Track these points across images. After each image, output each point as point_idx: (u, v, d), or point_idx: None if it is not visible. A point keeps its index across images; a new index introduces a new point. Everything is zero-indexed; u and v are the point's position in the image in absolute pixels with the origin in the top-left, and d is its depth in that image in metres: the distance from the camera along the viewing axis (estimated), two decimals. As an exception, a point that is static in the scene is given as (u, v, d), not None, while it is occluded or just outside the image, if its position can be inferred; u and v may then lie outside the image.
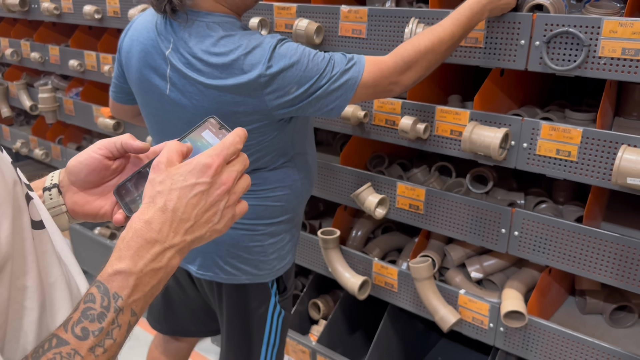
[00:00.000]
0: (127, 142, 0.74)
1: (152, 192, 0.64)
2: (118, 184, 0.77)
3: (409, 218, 1.62)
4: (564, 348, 1.44)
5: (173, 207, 0.63)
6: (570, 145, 1.29)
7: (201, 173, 0.65)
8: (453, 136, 1.45)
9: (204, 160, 0.65)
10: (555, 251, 1.38)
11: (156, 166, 0.65)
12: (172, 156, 0.67)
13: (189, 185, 0.64)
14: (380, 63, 1.19)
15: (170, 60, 1.21)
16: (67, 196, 0.76)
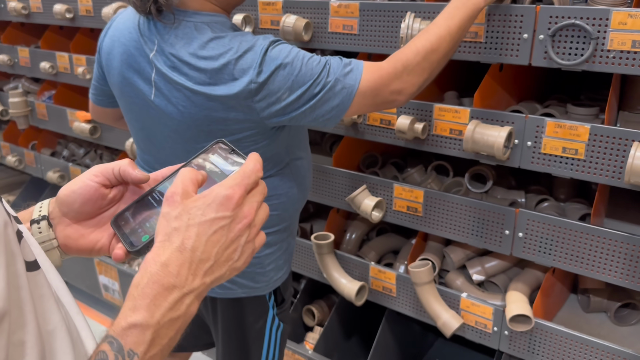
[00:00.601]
0: (126, 170, 0.66)
1: (168, 228, 0.56)
2: (116, 214, 0.69)
3: (407, 220, 1.56)
4: (572, 350, 1.39)
5: (192, 246, 0.56)
6: (577, 143, 1.23)
7: (221, 206, 0.57)
8: (453, 135, 1.39)
9: (224, 192, 0.58)
10: (562, 252, 1.33)
11: (170, 198, 0.58)
12: (188, 186, 0.59)
13: (208, 220, 0.57)
14: (379, 69, 1.10)
15: (154, 64, 1.12)
16: (59, 229, 0.68)
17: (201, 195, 0.59)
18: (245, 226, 0.59)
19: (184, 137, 1.17)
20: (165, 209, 0.58)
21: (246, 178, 0.60)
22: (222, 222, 0.57)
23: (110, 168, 0.67)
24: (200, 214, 0.57)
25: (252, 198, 0.60)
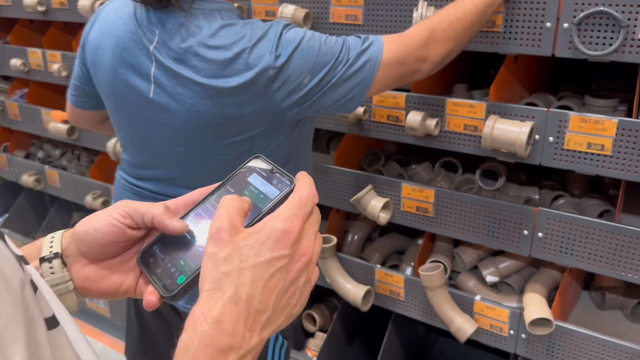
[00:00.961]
0: (162, 221, 0.56)
1: (216, 273, 0.47)
2: (142, 249, 0.58)
3: (417, 222, 1.47)
4: (594, 352, 1.33)
5: (247, 296, 0.46)
6: (604, 138, 1.16)
7: (278, 243, 0.48)
8: (467, 131, 1.31)
9: (280, 226, 0.48)
10: (585, 252, 1.26)
11: (216, 235, 0.48)
12: (235, 219, 0.49)
13: (264, 261, 0.47)
14: (402, 36, 1.04)
15: (155, 56, 1.01)
16: (75, 269, 0.57)
17: (253, 230, 0.49)
18: (304, 265, 0.50)
19: (189, 138, 1.06)
20: (211, 249, 0.48)
21: (303, 206, 0.50)
22: (280, 263, 0.48)
23: (140, 213, 0.57)
24: (254, 254, 0.47)
25: (309, 230, 0.51)
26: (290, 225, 0.49)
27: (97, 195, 2.20)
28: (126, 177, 1.25)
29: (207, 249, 0.49)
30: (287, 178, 0.57)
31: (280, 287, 0.48)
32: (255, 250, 0.48)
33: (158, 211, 0.56)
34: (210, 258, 0.48)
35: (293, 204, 0.51)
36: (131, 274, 0.59)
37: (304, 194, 0.52)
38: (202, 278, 0.48)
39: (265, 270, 0.47)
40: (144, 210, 0.56)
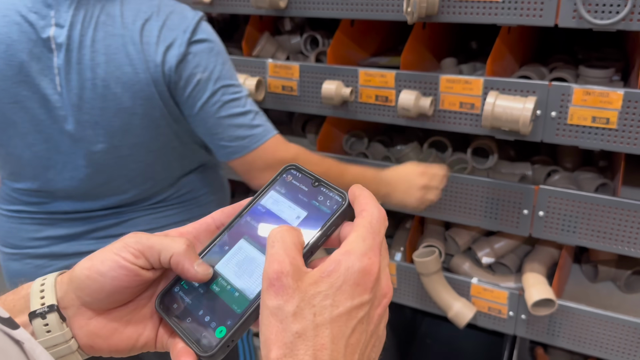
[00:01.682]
0: (181, 263, 0.45)
1: (286, 335, 0.37)
2: (161, 292, 0.46)
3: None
4: (595, 329, 1.31)
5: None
6: (609, 111, 1.11)
7: (357, 287, 0.38)
8: (464, 109, 1.23)
9: (358, 264, 0.38)
10: (589, 229, 1.23)
11: (277, 282, 0.37)
12: (296, 258, 0.39)
13: (343, 313, 0.37)
14: (286, 143, 1.06)
15: (57, 42, 0.88)
16: (78, 324, 0.45)
17: (322, 272, 0.38)
18: (385, 308, 0.41)
19: (113, 142, 0.96)
20: (273, 301, 0.37)
21: (377, 235, 0.40)
22: (362, 313, 0.38)
23: (156, 252, 0.45)
24: (330, 305, 0.37)
25: (384, 262, 0.41)
26: (369, 263, 0.39)
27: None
28: (22, 209, 1.08)
29: (266, 301, 0.38)
30: (337, 193, 0.46)
31: (363, 342, 0.39)
32: (331, 300, 0.38)
33: (178, 250, 0.45)
34: (274, 314, 0.37)
35: (366, 233, 0.40)
36: (149, 323, 0.47)
37: (375, 218, 0.42)
38: (265, 340, 0.37)
39: (345, 324, 0.38)
40: (160, 248, 0.45)
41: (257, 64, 1.43)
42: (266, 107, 1.46)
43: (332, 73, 1.33)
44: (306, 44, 1.56)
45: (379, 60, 1.49)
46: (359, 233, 0.41)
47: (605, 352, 1.32)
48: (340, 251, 0.40)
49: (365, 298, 0.38)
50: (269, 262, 0.39)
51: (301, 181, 0.49)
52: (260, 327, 0.39)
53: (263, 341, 0.38)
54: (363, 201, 0.43)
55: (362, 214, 0.42)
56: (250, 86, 1.39)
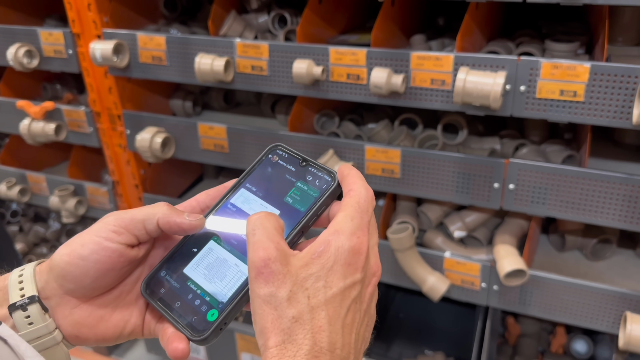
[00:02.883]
0: (171, 220, 0.44)
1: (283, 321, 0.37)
2: (147, 276, 0.45)
3: (383, 184, 1.41)
4: (565, 297, 1.36)
5: (328, 343, 0.37)
6: (576, 84, 1.13)
7: (349, 267, 0.39)
8: (434, 86, 1.24)
9: (347, 244, 0.39)
10: (557, 200, 1.26)
11: (266, 269, 0.37)
12: (280, 243, 0.39)
13: (337, 293, 0.38)
14: None
15: None
16: (61, 314, 0.44)
17: (312, 253, 0.38)
18: (375, 287, 0.41)
19: None
20: (263, 289, 0.37)
21: (365, 214, 0.41)
22: (354, 292, 0.39)
23: (140, 221, 0.43)
24: (323, 286, 0.38)
25: (372, 241, 0.41)
26: (358, 242, 0.40)
27: (12, 183, 1.96)
28: None
29: (257, 290, 0.38)
30: (326, 172, 0.47)
31: (357, 321, 0.39)
32: (324, 281, 0.38)
33: (162, 211, 0.44)
34: (267, 301, 0.37)
35: (354, 212, 0.41)
36: (135, 308, 0.46)
37: (362, 197, 0.42)
38: (261, 329, 0.37)
39: (340, 304, 0.38)
40: (143, 217, 0.44)
41: (224, 44, 1.40)
42: (235, 87, 1.44)
43: (303, 52, 1.31)
44: (274, 22, 1.54)
45: (348, 38, 1.48)
46: (347, 212, 0.41)
47: (574, 319, 1.37)
48: (329, 231, 0.40)
49: (357, 277, 0.39)
50: (254, 250, 0.38)
51: (288, 161, 0.48)
52: (253, 317, 0.38)
53: (259, 331, 0.37)
54: (351, 180, 0.43)
55: (349, 194, 0.43)
56: (219, 67, 1.37)
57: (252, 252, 0.38)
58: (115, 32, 1.52)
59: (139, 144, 1.56)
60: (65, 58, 1.64)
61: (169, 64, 1.49)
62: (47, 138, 1.73)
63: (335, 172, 0.46)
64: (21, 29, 1.66)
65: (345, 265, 0.38)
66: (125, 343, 2.10)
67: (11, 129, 1.86)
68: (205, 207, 0.49)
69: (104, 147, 1.76)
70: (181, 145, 1.59)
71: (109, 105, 1.67)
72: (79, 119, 1.73)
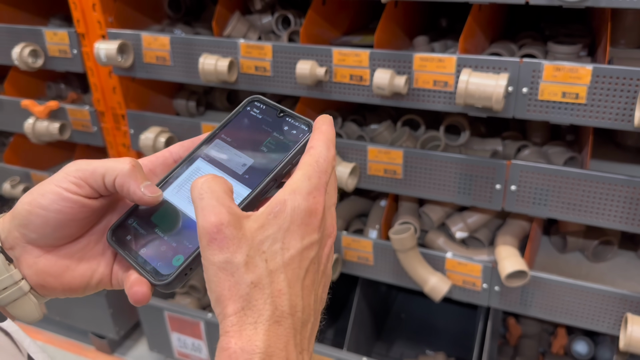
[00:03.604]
0: (126, 184, 0.42)
1: (241, 287, 0.35)
2: (113, 224, 0.45)
3: (385, 185, 1.42)
4: (566, 298, 1.36)
5: (289, 307, 0.36)
6: (578, 87, 1.14)
7: (306, 227, 0.38)
8: (437, 87, 1.25)
9: (304, 204, 0.38)
10: (559, 202, 1.26)
11: (219, 234, 0.36)
12: (231, 206, 0.37)
13: (295, 255, 0.37)
14: None
15: None
16: (26, 264, 0.43)
17: (268, 213, 0.37)
18: (331, 248, 0.41)
19: None
20: (218, 256, 0.36)
21: (323, 174, 0.40)
22: (312, 252, 0.38)
23: (100, 175, 0.42)
24: (280, 248, 0.36)
25: (329, 201, 0.41)
26: (314, 202, 0.38)
27: (16, 182, 1.97)
28: None
29: (210, 257, 0.36)
30: (303, 122, 0.45)
31: (316, 282, 0.39)
32: (280, 243, 0.37)
33: (122, 170, 0.42)
34: (222, 268, 0.36)
35: (312, 172, 0.39)
36: (102, 259, 0.45)
37: (322, 156, 0.40)
38: (217, 297, 0.36)
39: (298, 266, 0.37)
40: (104, 170, 0.42)
41: (228, 44, 1.41)
42: (239, 88, 1.45)
43: (306, 53, 1.32)
44: (278, 23, 1.55)
45: (352, 39, 1.48)
46: (305, 171, 0.40)
47: (575, 320, 1.38)
48: (285, 190, 0.39)
49: (314, 237, 0.38)
50: (203, 216, 0.37)
51: (265, 112, 0.47)
52: (207, 285, 0.37)
53: (215, 299, 0.36)
54: (316, 137, 0.42)
55: (309, 151, 0.41)
56: (223, 67, 1.37)
57: (201, 218, 0.36)
58: (119, 32, 1.53)
59: (142, 143, 1.57)
60: (70, 58, 1.65)
61: (173, 64, 1.50)
62: (51, 137, 1.74)
63: (312, 122, 0.45)
64: (26, 29, 1.67)
65: (302, 226, 0.37)
66: (128, 341, 2.11)
67: (16, 128, 1.87)
68: (179, 158, 0.48)
69: (108, 147, 1.77)
70: (184, 145, 1.60)
71: (113, 104, 1.68)
72: (83, 119, 1.74)
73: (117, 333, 2.01)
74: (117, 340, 2.08)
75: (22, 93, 1.98)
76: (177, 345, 1.88)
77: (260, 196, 0.43)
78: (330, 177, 0.41)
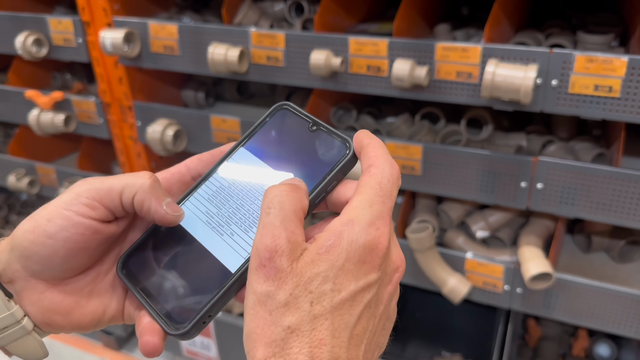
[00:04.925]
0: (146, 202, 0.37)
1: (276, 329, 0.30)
2: (124, 252, 0.39)
3: (403, 181, 1.35)
4: (591, 301, 1.30)
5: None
6: (612, 79, 1.06)
7: (363, 265, 0.32)
8: (460, 79, 1.18)
9: (363, 237, 0.32)
10: (587, 201, 1.19)
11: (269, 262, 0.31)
12: (296, 232, 0.32)
13: (347, 299, 0.31)
14: None
15: None
16: (29, 300, 0.38)
17: (320, 247, 0.31)
18: (396, 285, 0.35)
19: None
20: (261, 286, 0.31)
21: (388, 199, 0.34)
22: (368, 295, 0.32)
23: (116, 192, 0.37)
24: (330, 290, 0.31)
25: (392, 226, 0.35)
26: (377, 234, 0.32)
27: (21, 175, 1.92)
28: None
29: (254, 284, 0.31)
30: (339, 140, 0.39)
31: (370, 329, 0.33)
32: (331, 283, 0.31)
33: (143, 185, 0.37)
34: (262, 302, 0.31)
35: (374, 196, 0.33)
36: (114, 292, 0.40)
37: (386, 176, 0.34)
38: (249, 332, 0.31)
39: (349, 312, 0.31)
40: (120, 187, 0.37)
41: (239, 33, 1.34)
42: (250, 79, 1.38)
43: (321, 42, 1.25)
44: (290, 10, 1.48)
45: (368, 27, 1.41)
46: (366, 196, 0.34)
47: (600, 324, 1.31)
48: (342, 220, 0.33)
49: (372, 278, 0.32)
50: (262, 235, 0.32)
51: (295, 124, 0.41)
52: (245, 315, 0.32)
53: (247, 333, 0.31)
54: (372, 153, 0.36)
55: (369, 171, 0.35)
56: (233, 57, 1.31)
57: (259, 236, 0.32)
58: (126, 20, 1.46)
59: (150, 136, 1.52)
60: (75, 47, 1.59)
61: (181, 53, 1.44)
62: (56, 129, 1.69)
63: (351, 140, 0.39)
64: (30, 17, 1.61)
65: (359, 264, 0.32)
66: (135, 338, 2.07)
67: (20, 119, 1.82)
68: (197, 175, 0.42)
69: (115, 139, 1.72)
70: (193, 138, 1.54)
71: (119, 96, 1.62)
72: (89, 110, 1.69)
73: (124, 329, 1.97)
74: (124, 337, 2.04)
75: (26, 83, 1.93)
76: (185, 343, 1.84)
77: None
78: (394, 202, 0.35)
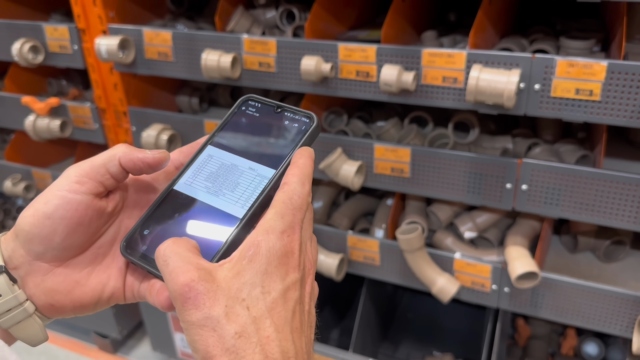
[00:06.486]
0: (133, 157, 0.42)
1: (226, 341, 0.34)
2: (128, 234, 0.44)
3: (392, 184, 1.38)
4: (577, 300, 1.33)
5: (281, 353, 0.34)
6: (593, 83, 1.10)
7: (283, 267, 0.37)
8: (446, 84, 1.21)
9: (279, 243, 0.37)
10: (571, 202, 1.23)
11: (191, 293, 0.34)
12: (200, 262, 0.37)
13: (278, 297, 0.35)
14: None
15: None
16: (32, 283, 0.41)
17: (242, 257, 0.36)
18: (311, 286, 0.40)
19: None
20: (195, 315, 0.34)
21: (298, 211, 0.39)
22: (295, 293, 0.36)
23: (102, 166, 0.41)
24: (261, 292, 0.35)
25: (305, 235, 0.39)
26: (289, 240, 0.37)
27: (17, 180, 1.94)
28: None
29: (187, 318, 0.34)
30: (303, 114, 0.45)
31: (304, 322, 0.37)
32: (260, 287, 0.35)
33: (121, 150, 0.42)
34: (202, 325, 0.34)
35: (285, 210, 0.38)
36: (113, 271, 0.44)
37: (296, 193, 0.39)
38: (202, 356, 0.34)
39: (284, 308, 0.35)
40: (103, 160, 0.41)
41: (231, 40, 1.38)
42: (243, 84, 1.41)
43: (311, 48, 1.29)
44: (282, 18, 1.51)
45: (358, 34, 1.45)
46: (278, 210, 0.38)
47: (586, 322, 1.34)
48: (258, 231, 0.37)
49: (295, 277, 0.36)
50: (172, 279, 0.35)
51: (262, 111, 0.47)
52: (191, 347, 0.35)
53: (202, 357, 0.34)
54: (290, 172, 0.41)
55: (283, 188, 0.40)
56: (226, 63, 1.34)
57: (171, 283, 0.35)
58: (120, 28, 1.49)
59: (144, 141, 1.54)
60: (71, 54, 1.62)
61: (175, 60, 1.47)
62: (52, 135, 1.71)
63: (314, 114, 0.45)
64: (26, 24, 1.64)
65: (280, 266, 0.36)
66: (131, 341, 2.09)
67: (16, 125, 1.85)
68: (179, 165, 0.48)
69: (110, 144, 1.74)
70: (187, 142, 1.57)
71: (114, 101, 1.65)
72: (85, 116, 1.72)
73: (120, 332, 1.98)
74: (120, 340, 2.06)
75: (22, 89, 1.96)
76: (180, 345, 1.86)
77: (272, 192, 0.43)
78: (305, 214, 0.40)
